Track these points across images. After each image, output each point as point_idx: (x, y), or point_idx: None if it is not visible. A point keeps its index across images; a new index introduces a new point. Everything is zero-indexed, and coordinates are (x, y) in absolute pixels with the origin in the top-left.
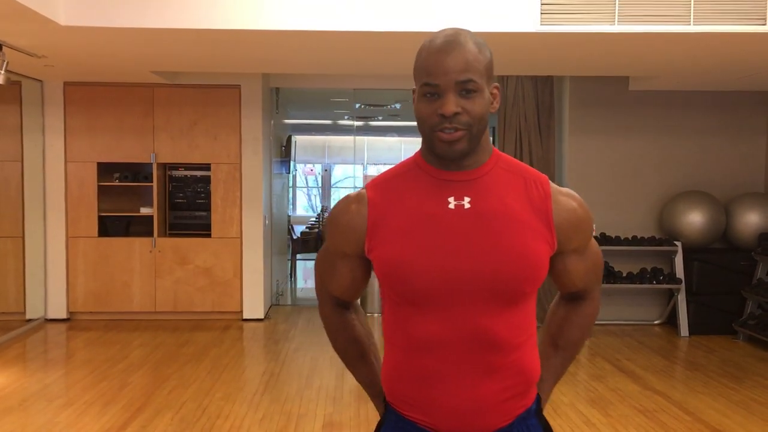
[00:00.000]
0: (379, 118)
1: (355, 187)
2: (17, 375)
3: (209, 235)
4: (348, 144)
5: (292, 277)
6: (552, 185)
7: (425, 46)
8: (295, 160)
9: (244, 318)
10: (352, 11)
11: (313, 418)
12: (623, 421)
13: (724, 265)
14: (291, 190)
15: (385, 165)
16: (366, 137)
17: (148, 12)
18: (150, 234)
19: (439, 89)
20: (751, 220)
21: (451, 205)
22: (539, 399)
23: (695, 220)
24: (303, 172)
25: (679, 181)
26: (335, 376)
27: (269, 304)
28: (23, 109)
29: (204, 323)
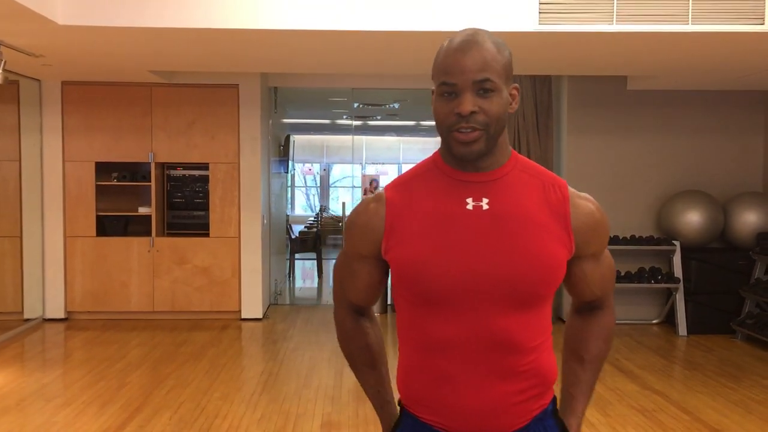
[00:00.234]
0: (378, 118)
1: (354, 186)
2: (15, 375)
3: (207, 235)
4: (346, 143)
5: (290, 277)
6: (570, 189)
7: (444, 45)
8: (293, 160)
9: (243, 318)
10: (352, 11)
11: (312, 418)
12: (622, 420)
13: (722, 264)
14: (289, 189)
15: (383, 164)
16: (364, 137)
17: (146, 11)
18: (148, 234)
19: (457, 88)
20: (749, 220)
21: (469, 206)
22: (555, 400)
23: (693, 219)
24: (301, 172)
25: (677, 180)
26: (334, 375)
27: (267, 303)
28: (21, 108)
29: (202, 323)
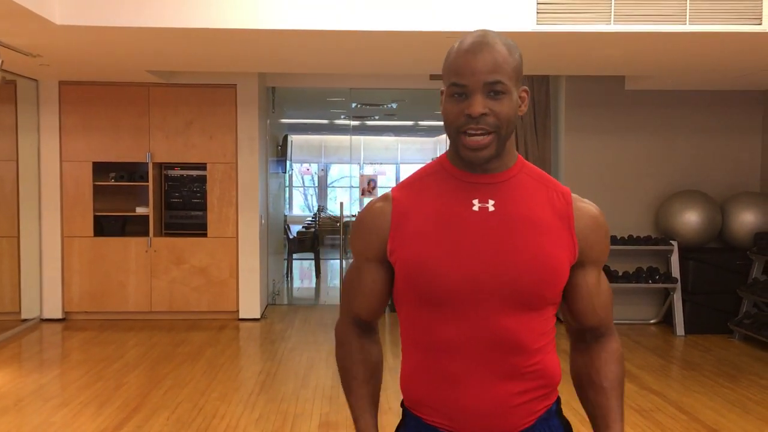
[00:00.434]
0: (376, 118)
1: (352, 186)
2: (13, 375)
3: (205, 235)
4: (344, 143)
5: (288, 277)
6: (573, 194)
7: (454, 46)
8: (291, 160)
9: (240, 318)
10: (351, 11)
11: (310, 418)
12: None
13: (719, 264)
14: (287, 189)
15: (381, 165)
16: (362, 137)
17: (144, 11)
18: (146, 234)
19: (467, 89)
20: (746, 220)
21: (475, 207)
22: (559, 400)
23: (691, 219)
24: (299, 172)
25: (675, 180)
26: (332, 375)
27: (265, 303)
28: (18, 108)
29: (200, 323)
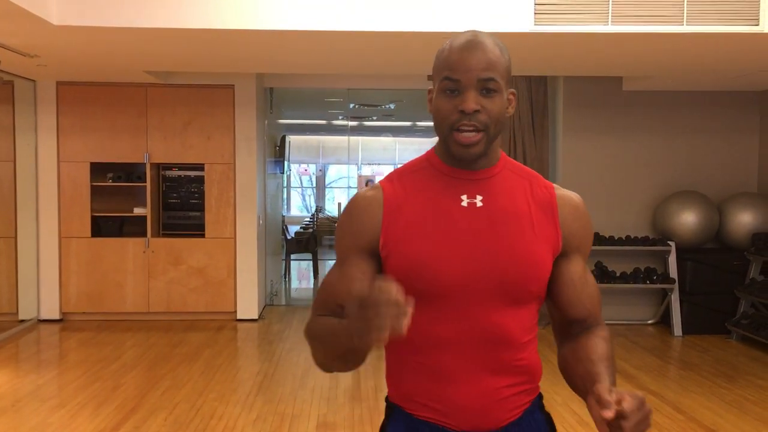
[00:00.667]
0: (374, 118)
1: (350, 187)
2: (10, 376)
3: (203, 236)
4: (342, 144)
5: (286, 278)
6: (556, 186)
7: (446, 45)
8: (289, 160)
9: (238, 318)
10: (351, 11)
11: (307, 419)
12: None
13: (717, 264)
14: (285, 190)
15: (379, 165)
16: (360, 137)
17: (142, 11)
18: (143, 234)
19: (460, 85)
20: (744, 220)
21: (464, 203)
22: (541, 396)
23: (688, 220)
24: (297, 172)
25: (672, 181)
26: (329, 376)
27: (263, 304)
28: (15, 108)
29: (197, 324)
